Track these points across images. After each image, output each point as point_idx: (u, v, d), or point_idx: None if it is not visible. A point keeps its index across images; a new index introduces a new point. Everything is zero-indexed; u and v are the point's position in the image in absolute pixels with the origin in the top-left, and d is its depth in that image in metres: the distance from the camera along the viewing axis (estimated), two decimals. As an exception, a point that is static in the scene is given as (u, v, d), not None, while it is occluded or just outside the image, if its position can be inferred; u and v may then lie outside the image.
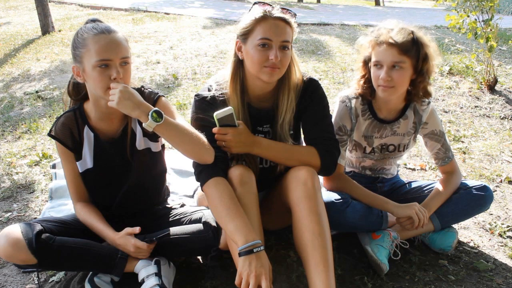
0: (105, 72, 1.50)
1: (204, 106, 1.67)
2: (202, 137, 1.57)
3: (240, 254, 1.43)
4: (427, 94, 1.85)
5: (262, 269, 1.40)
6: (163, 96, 1.71)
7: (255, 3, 1.61)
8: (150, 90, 1.70)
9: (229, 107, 1.59)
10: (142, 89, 1.69)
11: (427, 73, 1.77)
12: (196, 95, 1.71)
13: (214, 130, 1.60)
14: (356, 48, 1.87)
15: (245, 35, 1.59)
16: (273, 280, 1.47)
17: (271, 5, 1.58)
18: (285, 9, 1.59)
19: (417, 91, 1.82)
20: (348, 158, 2.07)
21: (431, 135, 1.96)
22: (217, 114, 1.57)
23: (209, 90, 1.69)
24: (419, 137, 2.02)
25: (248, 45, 1.58)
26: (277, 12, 1.56)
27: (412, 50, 1.70)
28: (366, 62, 1.84)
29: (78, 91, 1.70)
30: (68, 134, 1.67)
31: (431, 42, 1.77)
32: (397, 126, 1.93)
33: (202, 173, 1.60)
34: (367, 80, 1.85)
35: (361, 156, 2.03)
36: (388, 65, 1.72)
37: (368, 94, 1.87)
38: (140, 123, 1.68)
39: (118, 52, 1.52)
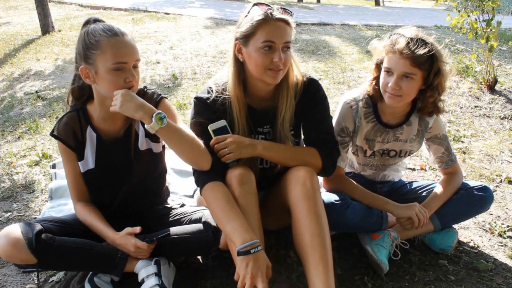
0: (121, 74, 1.51)
1: (204, 110, 1.67)
2: (201, 143, 1.58)
3: (238, 254, 1.44)
4: (437, 110, 1.82)
5: (259, 271, 1.41)
6: (166, 98, 1.70)
7: (254, 4, 1.60)
8: (153, 91, 1.70)
9: (222, 120, 1.64)
10: (145, 89, 1.70)
11: (438, 88, 1.74)
12: (195, 98, 1.70)
13: (212, 142, 1.61)
14: (370, 49, 1.84)
15: (246, 38, 1.57)
16: (273, 280, 1.47)
17: (269, 6, 1.57)
18: (283, 9, 1.58)
19: (426, 104, 1.80)
20: (350, 160, 2.07)
21: (434, 139, 1.95)
22: (211, 126, 1.62)
23: (208, 93, 1.69)
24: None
25: (250, 48, 1.57)
26: (278, 14, 1.55)
27: (426, 64, 1.67)
28: (379, 65, 1.81)
29: (82, 94, 1.69)
30: (70, 134, 1.67)
31: (448, 59, 1.73)
32: (400, 132, 1.91)
33: (200, 178, 1.62)
34: (379, 82, 1.82)
35: (361, 162, 2.03)
36: (399, 75, 1.69)
37: (378, 96, 1.84)
38: (143, 124, 1.68)
39: (134, 55, 1.54)
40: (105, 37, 1.50)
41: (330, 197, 1.80)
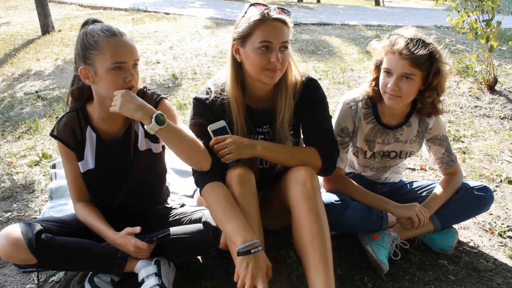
0: (120, 74, 1.51)
1: (203, 110, 1.67)
2: (201, 144, 1.58)
3: (238, 254, 1.44)
4: (436, 112, 1.81)
5: (259, 271, 1.41)
6: (166, 98, 1.70)
7: (251, 4, 1.60)
8: (153, 91, 1.70)
9: (221, 121, 1.64)
10: (145, 89, 1.69)
11: (437, 88, 1.73)
12: (194, 99, 1.70)
13: (212, 143, 1.61)
14: (369, 50, 1.83)
15: (243, 38, 1.57)
16: (273, 280, 1.47)
17: (266, 6, 1.57)
18: (280, 8, 1.57)
19: (425, 105, 1.79)
20: (350, 161, 2.07)
21: (434, 139, 1.95)
22: (211, 126, 1.63)
23: (207, 93, 1.69)
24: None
25: (247, 48, 1.57)
26: (274, 14, 1.54)
27: (425, 64, 1.66)
28: (378, 66, 1.80)
29: (82, 95, 1.69)
30: (70, 134, 1.67)
31: (448, 59, 1.73)
32: (400, 133, 1.90)
33: (200, 178, 1.62)
34: (378, 83, 1.80)
35: (362, 163, 2.02)
36: (398, 75, 1.68)
37: (377, 97, 1.83)
38: (143, 125, 1.68)
39: (133, 55, 1.53)
40: (104, 37, 1.50)
41: (330, 197, 1.80)
